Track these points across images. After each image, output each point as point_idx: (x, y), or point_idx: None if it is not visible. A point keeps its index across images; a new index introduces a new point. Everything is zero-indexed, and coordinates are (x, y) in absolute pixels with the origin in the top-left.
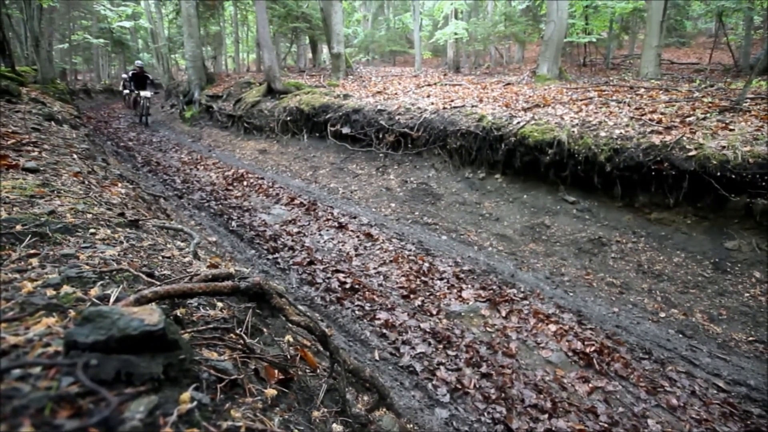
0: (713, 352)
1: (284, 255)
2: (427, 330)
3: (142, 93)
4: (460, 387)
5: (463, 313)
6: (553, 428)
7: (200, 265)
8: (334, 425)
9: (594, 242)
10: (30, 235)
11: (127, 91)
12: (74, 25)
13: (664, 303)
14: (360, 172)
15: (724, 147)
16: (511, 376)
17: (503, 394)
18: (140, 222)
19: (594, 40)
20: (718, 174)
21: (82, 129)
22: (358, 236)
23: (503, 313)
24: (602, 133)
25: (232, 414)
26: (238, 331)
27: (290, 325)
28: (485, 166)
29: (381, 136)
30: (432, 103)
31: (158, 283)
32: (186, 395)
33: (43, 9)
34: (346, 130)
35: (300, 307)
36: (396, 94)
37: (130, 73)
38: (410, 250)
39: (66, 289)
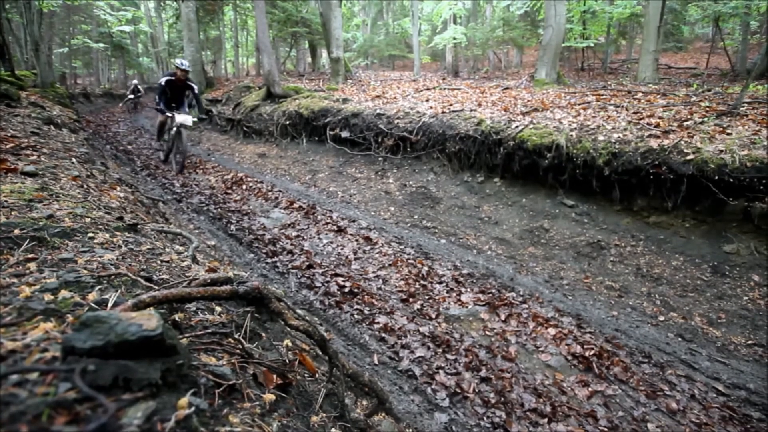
0: (712, 355)
1: (283, 259)
2: (426, 334)
3: (178, 118)
4: (459, 391)
5: (462, 317)
6: None
7: (199, 270)
8: (333, 430)
9: (593, 246)
10: (28, 240)
11: (132, 97)
12: (74, 29)
13: (663, 306)
14: (359, 175)
15: (721, 151)
16: (511, 380)
17: (503, 399)
18: (139, 226)
19: (592, 44)
20: (716, 178)
21: (81, 133)
22: (357, 240)
23: (502, 317)
24: (600, 137)
25: (231, 419)
26: (236, 336)
27: (289, 329)
28: (484, 170)
29: (380, 140)
30: (431, 108)
31: (157, 287)
32: (184, 401)
33: (43, 13)
34: (345, 134)
35: (299, 311)
36: (395, 98)
37: (165, 80)
38: (409, 254)
39: (64, 293)
